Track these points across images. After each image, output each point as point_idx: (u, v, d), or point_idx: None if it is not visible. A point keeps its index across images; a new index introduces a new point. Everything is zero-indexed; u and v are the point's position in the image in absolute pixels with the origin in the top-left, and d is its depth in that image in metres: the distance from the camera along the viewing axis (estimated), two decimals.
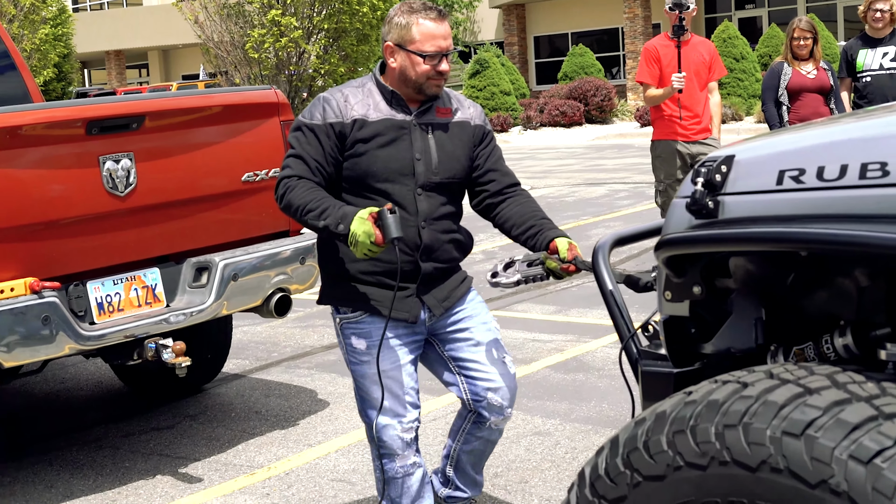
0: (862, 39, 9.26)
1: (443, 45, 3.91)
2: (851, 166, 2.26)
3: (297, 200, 3.86)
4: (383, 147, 3.93)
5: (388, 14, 3.99)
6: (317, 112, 3.95)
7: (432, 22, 3.89)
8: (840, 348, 2.47)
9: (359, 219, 3.71)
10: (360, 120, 3.92)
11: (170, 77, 51.43)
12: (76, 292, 5.10)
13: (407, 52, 3.91)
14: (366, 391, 4.09)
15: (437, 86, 3.98)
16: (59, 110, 5.16)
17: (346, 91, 4.01)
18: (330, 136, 3.92)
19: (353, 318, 4.06)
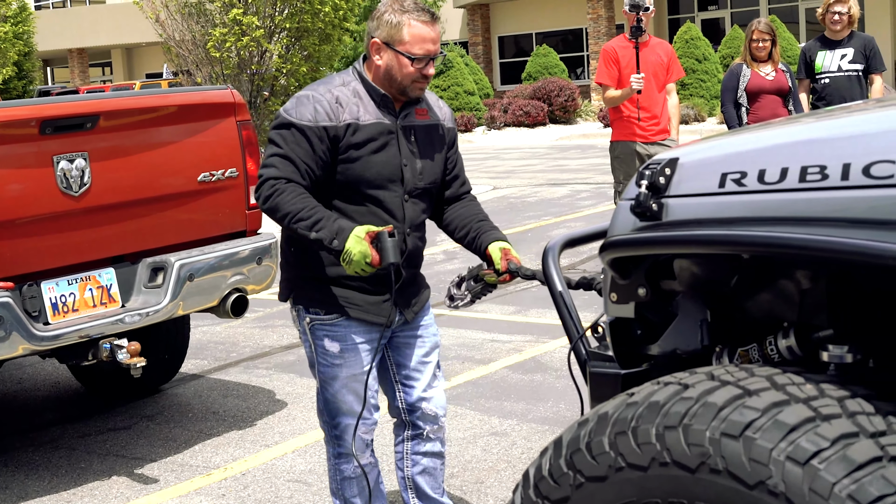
0: (821, 41, 9.33)
1: (431, 49, 3.84)
2: (792, 169, 2.28)
3: (286, 206, 3.73)
4: (375, 153, 3.86)
5: (377, 8, 3.90)
6: (306, 112, 3.81)
7: (424, 25, 3.81)
8: (784, 350, 2.49)
9: (355, 237, 3.66)
10: (354, 124, 3.83)
11: (133, 75, 51.15)
12: (30, 292, 5.07)
13: (395, 52, 3.83)
14: (332, 393, 4.05)
15: (420, 89, 3.92)
16: (11, 110, 5.13)
17: (335, 91, 3.87)
18: (322, 139, 3.79)
19: (326, 320, 3.99)
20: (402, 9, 3.82)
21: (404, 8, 3.82)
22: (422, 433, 4.23)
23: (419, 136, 4.00)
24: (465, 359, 7.11)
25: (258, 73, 17.83)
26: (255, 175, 5.76)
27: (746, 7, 35.02)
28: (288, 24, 17.54)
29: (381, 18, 3.85)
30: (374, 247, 3.66)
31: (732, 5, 35.66)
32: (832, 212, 2.20)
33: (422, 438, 4.24)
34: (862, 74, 9.15)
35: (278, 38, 17.84)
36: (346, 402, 4.03)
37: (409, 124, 3.97)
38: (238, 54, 17.59)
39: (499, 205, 14.51)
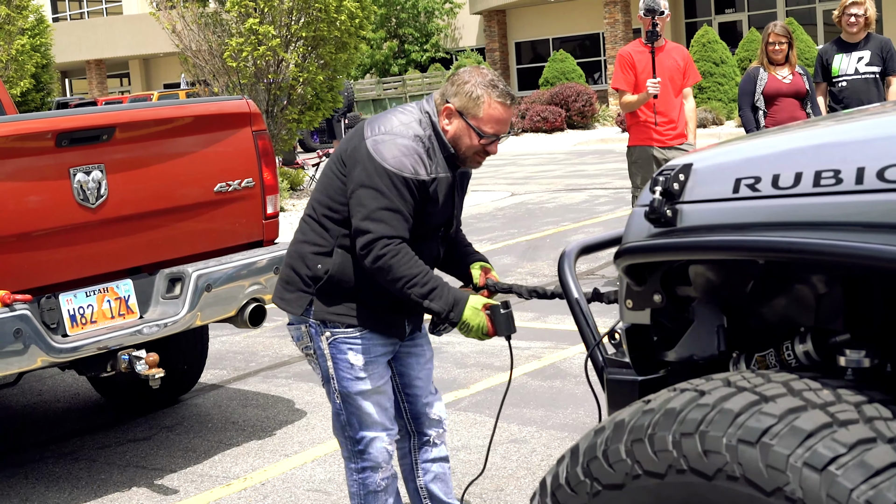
0: (837, 44, 9.29)
1: (503, 130, 3.83)
2: (805, 174, 2.27)
3: (401, 271, 3.70)
4: (437, 205, 3.88)
5: (459, 74, 3.83)
6: (408, 162, 3.73)
7: (503, 107, 3.79)
8: (800, 355, 2.47)
9: (472, 309, 3.76)
10: (434, 178, 3.82)
11: (151, 86, 51.33)
12: (48, 304, 5.09)
13: (466, 124, 3.80)
14: (357, 406, 4.00)
15: (478, 163, 3.91)
16: (28, 122, 5.15)
17: (426, 143, 3.81)
18: (420, 189, 3.77)
19: (348, 333, 3.95)
20: (486, 85, 3.77)
21: (488, 84, 3.77)
22: (428, 440, 4.26)
23: (461, 183, 4.05)
24: (484, 366, 7.11)
25: (275, 83, 17.88)
26: (272, 185, 5.81)
27: (763, 10, 34.96)
28: (304, 33, 17.58)
29: (461, 86, 3.80)
30: (489, 318, 3.79)
31: (749, 8, 35.59)
32: (847, 216, 2.19)
33: (429, 445, 4.27)
34: (879, 77, 9.11)
35: (294, 47, 17.88)
36: (372, 413, 4.01)
37: (458, 174, 4.00)
38: (255, 64, 17.64)
39: (517, 211, 14.51)
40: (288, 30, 17.70)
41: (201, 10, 18.47)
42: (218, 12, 18.35)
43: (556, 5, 38.49)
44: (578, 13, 38.10)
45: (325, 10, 17.29)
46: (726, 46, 28.92)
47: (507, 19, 40.25)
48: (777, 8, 34.53)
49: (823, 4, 33.37)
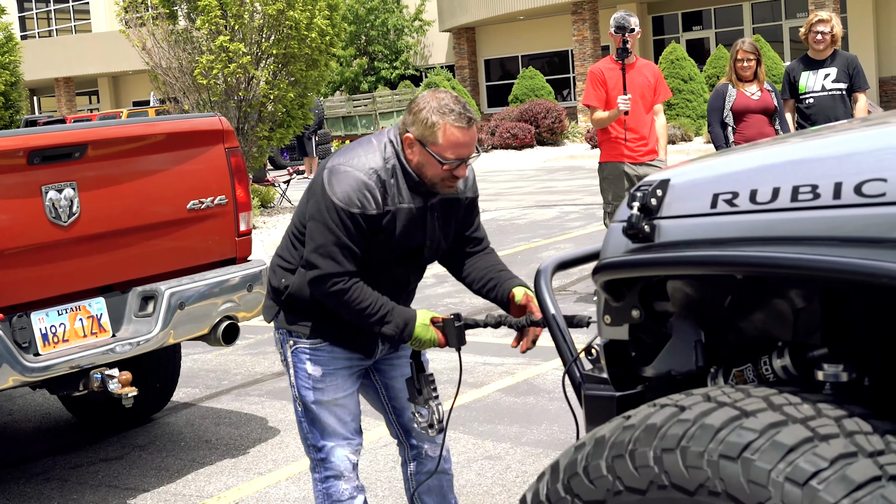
0: (804, 61, 9.35)
1: (465, 153, 3.75)
2: (783, 189, 2.28)
3: (355, 305, 3.76)
4: (401, 235, 3.85)
5: (415, 101, 3.77)
6: (356, 198, 3.71)
7: (459, 130, 3.69)
8: (778, 369, 2.49)
9: (422, 326, 3.82)
10: (391, 211, 3.80)
11: (120, 103, 51.14)
12: (20, 323, 5.05)
13: (427, 152, 3.74)
14: (315, 416, 4.05)
15: (449, 187, 3.85)
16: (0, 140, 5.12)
17: (381, 174, 3.78)
18: (368, 223, 3.76)
19: (309, 343, 4.01)
20: (440, 111, 3.69)
21: (442, 110, 3.69)
22: (420, 452, 4.25)
23: (440, 210, 3.96)
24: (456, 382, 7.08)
25: (245, 100, 17.85)
26: (244, 202, 5.79)
27: (730, 27, 35.18)
28: (275, 51, 17.57)
29: (417, 115, 3.74)
30: (438, 329, 3.85)
31: (717, 25, 35.81)
32: (825, 231, 2.20)
33: (421, 457, 4.27)
34: (846, 93, 9.17)
35: (265, 64, 17.86)
36: (330, 424, 4.05)
37: (434, 201, 3.92)
38: (225, 81, 17.61)
39: (488, 227, 14.39)
40: (258, 47, 17.68)
41: (171, 27, 18.42)
42: (188, 30, 18.32)
43: (525, 23, 38.61)
44: (547, 30, 38.24)
45: (296, 28, 17.29)
46: (694, 63, 29.07)
47: (476, 36, 40.34)
48: (744, 25, 34.76)
49: (790, 21, 33.62)
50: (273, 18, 17.27)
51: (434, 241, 3.97)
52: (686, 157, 21.43)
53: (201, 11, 17.58)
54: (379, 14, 39.93)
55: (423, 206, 3.87)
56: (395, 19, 39.99)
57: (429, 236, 3.94)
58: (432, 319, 3.86)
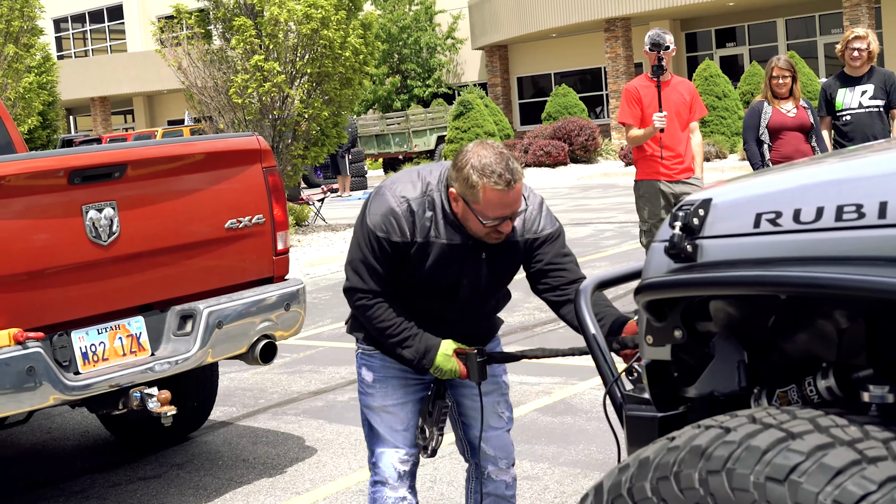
0: (840, 78, 9.31)
1: (507, 213, 3.73)
2: (827, 208, 2.27)
3: (377, 322, 3.92)
4: (432, 270, 3.88)
5: (460, 155, 3.73)
6: (381, 221, 3.81)
7: (500, 193, 3.65)
8: (823, 390, 2.47)
9: (444, 356, 3.92)
10: (423, 243, 3.83)
11: (155, 122, 51.47)
12: (60, 342, 5.09)
13: (470, 209, 3.74)
14: (369, 419, 4.20)
15: (496, 240, 3.84)
16: (41, 160, 5.17)
17: (413, 204, 3.82)
18: (396, 252, 3.83)
19: (367, 350, 4.16)
20: (482, 172, 3.65)
21: (483, 171, 3.64)
22: (484, 472, 4.29)
23: (490, 253, 3.94)
24: None
25: (280, 119, 17.92)
26: (282, 221, 5.81)
27: (764, 43, 35.08)
28: (309, 70, 17.64)
29: (460, 171, 3.71)
30: (461, 361, 3.93)
31: (751, 42, 35.72)
32: (870, 250, 2.19)
33: (485, 478, 4.30)
34: (883, 110, 9.12)
35: (299, 83, 17.93)
36: (382, 430, 4.16)
37: (482, 242, 3.89)
38: (260, 100, 17.69)
39: None
40: (293, 66, 17.76)
41: (207, 47, 18.54)
42: (223, 49, 18.42)
43: (558, 40, 38.63)
44: (580, 48, 38.25)
45: (330, 47, 17.36)
46: (728, 80, 29.00)
47: (508, 54, 40.40)
48: (778, 41, 34.65)
49: (824, 38, 33.49)
50: (307, 38, 17.35)
51: (475, 279, 3.96)
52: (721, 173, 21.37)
53: (236, 31, 17.68)
54: (412, 32, 40.05)
55: (462, 245, 3.88)
56: (428, 37, 40.10)
57: (466, 274, 3.94)
58: (456, 350, 3.94)
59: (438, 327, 4.00)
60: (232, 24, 17.88)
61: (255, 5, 17.83)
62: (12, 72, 21.20)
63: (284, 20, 17.41)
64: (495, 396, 4.26)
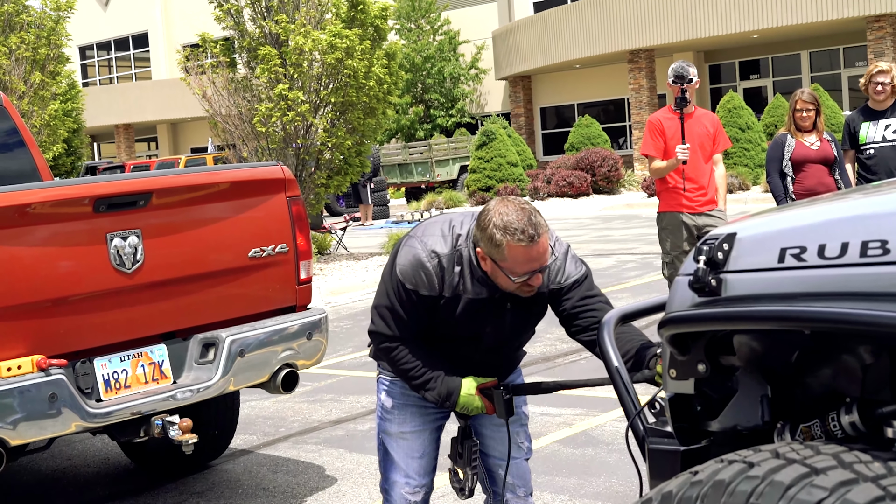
0: (863, 112, 9.31)
1: (535, 266, 3.74)
2: (852, 244, 2.27)
3: (400, 365, 3.98)
4: (463, 320, 3.92)
5: (483, 214, 3.75)
6: (411, 274, 3.84)
7: (526, 249, 3.66)
8: (846, 426, 2.46)
9: (468, 396, 3.95)
10: (451, 297, 3.88)
11: (178, 150, 51.74)
12: (83, 369, 5.10)
13: (498, 267, 3.76)
14: (384, 445, 4.23)
15: (529, 293, 3.85)
16: (67, 188, 5.20)
17: (444, 260, 3.86)
18: (423, 304, 3.89)
19: (387, 375, 4.21)
20: (505, 230, 3.66)
21: (507, 229, 3.66)
22: (502, 501, 4.26)
23: (515, 302, 3.97)
24: None
25: (304, 147, 17.99)
26: (305, 250, 5.83)
27: (788, 75, 35.08)
28: (333, 99, 17.71)
29: (484, 231, 3.72)
30: (485, 397, 3.97)
31: (774, 74, 35.73)
32: (894, 286, 2.18)
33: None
34: None
35: (323, 112, 18.01)
36: (397, 457, 4.18)
37: (507, 295, 3.92)
38: (283, 129, 17.77)
39: None
40: (317, 95, 17.84)
41: (231, 75, 18.65)
42: (248, 78, 18.53)
43: (581, 71, 38.72)
44: (603, 78, 38.33)
45: (354, 76, 17.43)
46: (752, 112, 28.98)
47: (532, 84, 40.51)
48: (802, 74, 34.65)
49: (848, 70, 33.48)
50: (332, 67, 17.43)
51: (499, 329, 4.01)
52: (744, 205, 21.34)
53: (261, 60, 17.79)
54: (436, 62, 40.22)
55: (489, 298, 3.91)
56: (452, 67, 40.25)
57: (490, 324, 3.98)
58: (479, 387, 3.97)
59: (463, 366, 4.04)
60: (257, 53, 17.99)
61: (279, 35, 17.93)
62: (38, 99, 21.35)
63: (309, 49, 17.50)
64: (515, 427, 4.27)
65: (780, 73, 35.55)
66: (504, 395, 3.93)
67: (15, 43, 20.93)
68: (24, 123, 7.70)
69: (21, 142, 7.49)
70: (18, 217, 4.86)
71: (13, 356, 4.81)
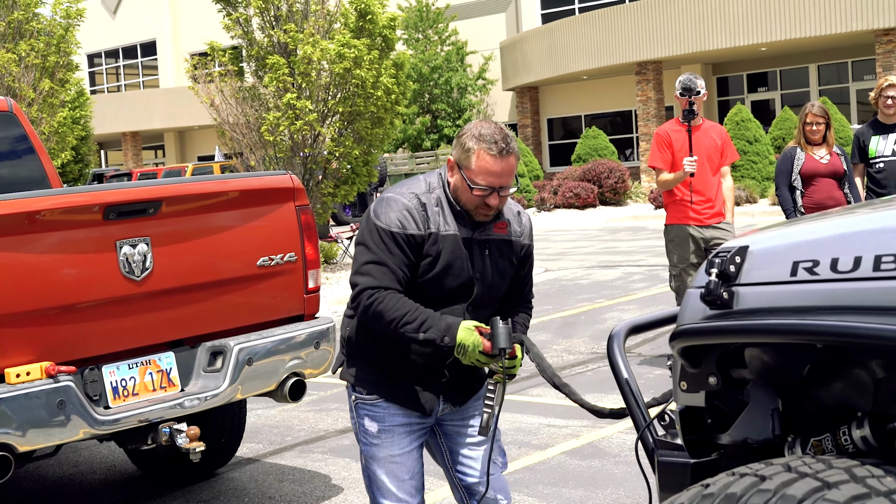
0: (873, 126, 9.30)
1: (496, 182, 3.81)
2: (865, 258, 2.27)
3: (390, 314, 3.80)
4: (449, 264, 3.90)
5: (463, 127, 3.90)
6: (396, 217, 3.85)
7: (491, 157, 3.77)
8: (858, 440, 2.46)
9: (466, 329, 3.78)
10: (435, 234, 3.88)
11: (185, 158, 51.80)
12: (91, 376, 5.11)
13: (461, 176, 3.85)
14: (373, 472, 4.11)
15: (484, 215, 3.91)
16: (76, 195, 5.21)
17: (422, 198, 3.91)
18: (412, 246, 3.85)
19: (368, 399, 4.08)
20: (479, 137, 3.80)
21: (480, 136, 3.80)
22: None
23: (493, 250, 4.00)
24: (522, 444, 7.06)
25: (311, 156, 18.01)
26: (313, 259, 5.83)
27: (796, 88, 35.07)
28: (341, 108, 17.73)
29: (459, 139, 3.87)
30: (484, 336, 3.78)
31: (782, 87, 35.72)
32: None
33: None
34: None
35: (331, 121, 18.03)
36: (385, 483, 4.08)
37: (485, 237, 3.98)
38: (291, 138, 17.79)
39: (551, 287, 14.48)
40: (325, 104, 17.87)
41: (239, 84, 18.69)
42: (256, 86, 18.56)
43: (589, 82, 38.73)
44: (611, 90, 38.33)
45: (362, 86, 17.46)
46: (759, 125, 28.99)
47: (539, 95, 40.52)
48: (810, 87, 34.63)
49: (857, 84, 33.46)
50: (340, 77, 17.46)
51: (484, 274, 3.98)
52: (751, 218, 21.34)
53: (269, 69, 17.82)
54: (443, 73, 40.23)
55: (469, 238, 3.94)
56: (459, 78, 40.27)
57: (476, 268, 3.96)
58: (477, 326, 3.82)
59: None
60: (265, 62, 18.03)
61: (288, 44, 17.96)
62: (47, 106, 21.40)
63: (317, 59, 17.53)
64: (488, 446, 4.17)
65: (789, 86, 35.53)
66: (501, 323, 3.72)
67: (25, 50, 20.99)
68: (34, 130, 7.72)
69: (31, 148, 7.50)
70: (28, 224, 4.87)
71: (22, 362, 4.81)
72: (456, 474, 4.23)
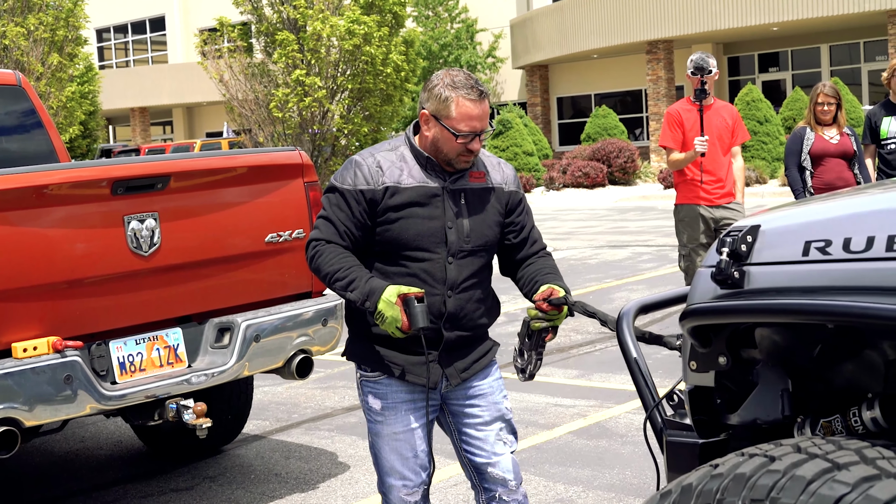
0: (885, 107, 9.24)
1: (477, 126, 3.87)
2: (878, 238, 2.25)
3: (326, 267, 3.89)
4: (416, 216, 3.91)
5: (430, 80, 3.94)
6: (348, 176, 3.93)
7: (471, 102, 3.85)
8: (868, 421, 2.44)
9: (386, 301, 3.74)
10: (393, 187, 3.90)
11: (194, 134, 51.80)
12: (98, 352, 5.10)
13: (441, 126, 3.88)
14: (378, 449, 4.13)
15: (466, 161, 3.95)
16: (84, 170, 5.20)
17: (378, 156, 3.98)
18: (360, 202, 3.89)
19: (371, 377, 4.08)
20: (453, 84, 3.86)
21: (455, 84, 3.86)
22: (494, 496, 4.18)
23: (470, 198, 4.01)
24: (529, 423, 7.05)
25: (320, 133, 17.99)
26: None
27: (807, 69, 34.95)
28: (350, 85, 17.71)
29: (431, 91, 3.91)
30: (404, 312, 3.74)
31: (794, 67, 35.59)
32: None
33: (496, 501, 4.19)
34: None
35: (340, 98, 18.01)
36: (389, 460, 4.09)
37: (459, 187, 3.99)
38: (300, 114, 17.77)
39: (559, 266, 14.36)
40: (334, 81, 17.85)
41: (248, 60, 18.66)
42: (265, 63, 18.53)
43: (599, 61, 38.63)
44: (621, 69, 38.23)
45: (372, 63, 17.44)
46: (770, 105, 28.91)
47: (549, 74, 40.42)
48: (821, 67, 34.51)
49: (868, 64, 33.33)
50: (349, 53, 17.44)
51: (459, 225, 3.97)
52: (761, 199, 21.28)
53: (279, 45, 17.80)
54: (453, 50, 40.13)
55: (440, 187, 3.96)
56: (469, 56, 40.17)
57: (448, 218, 3.95)
58: (401, 296, 3.76)
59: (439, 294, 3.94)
60: (275, 38, 18.00)
61: (298, 20, 17.92)
62: (56, 81, 21.39)
63: (327, 36, 17.50)
64: (499, 423, 4.18)
65: (800, 66, 35.41)
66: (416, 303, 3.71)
67: (33, 24, 20.97)
68: (42, 105, 7.70)
69: (39, 123, 7.48)
70: (36, 198, 4.86)
71: (29, 337, 4.81)
72: (464, 454, 4.20)
